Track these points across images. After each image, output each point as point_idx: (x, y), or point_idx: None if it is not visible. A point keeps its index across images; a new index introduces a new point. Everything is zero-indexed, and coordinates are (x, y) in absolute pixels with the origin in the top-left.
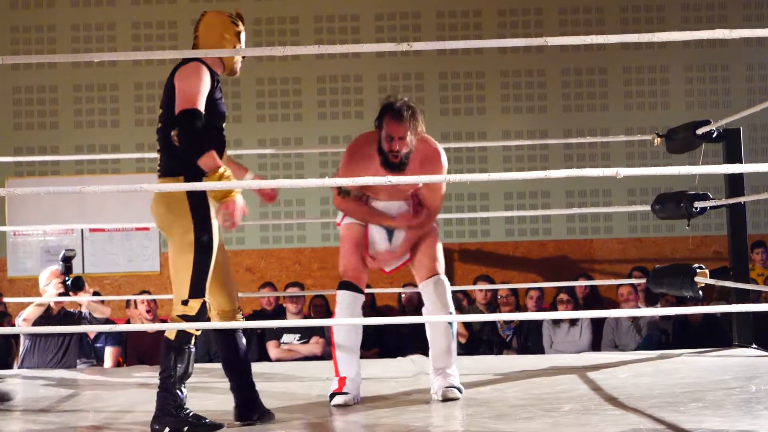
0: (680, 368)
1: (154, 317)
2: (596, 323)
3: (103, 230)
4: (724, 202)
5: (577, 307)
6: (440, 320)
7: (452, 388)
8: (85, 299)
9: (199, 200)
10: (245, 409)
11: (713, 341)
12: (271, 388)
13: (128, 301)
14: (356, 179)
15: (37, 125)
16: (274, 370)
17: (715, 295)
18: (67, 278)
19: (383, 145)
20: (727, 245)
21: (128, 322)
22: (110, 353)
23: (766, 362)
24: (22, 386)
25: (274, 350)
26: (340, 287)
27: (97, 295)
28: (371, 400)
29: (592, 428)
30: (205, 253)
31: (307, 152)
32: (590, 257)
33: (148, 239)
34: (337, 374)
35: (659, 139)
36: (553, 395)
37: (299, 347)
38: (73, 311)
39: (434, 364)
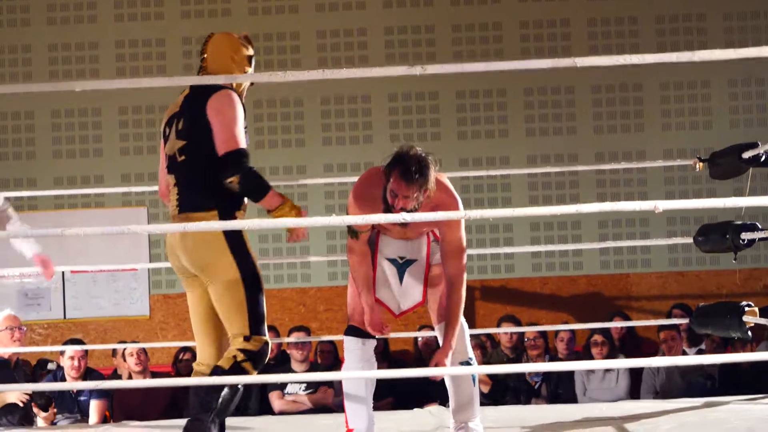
0: (729, 418)
1: (144, 369)
2: (635, 367)
3: (86, 271)
4: None
5: (612, 349)
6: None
7: None
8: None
9: (235, 235)
10: None
11: (765, 386)
12: None
13: (115, 350)
14: (366, 217)
15: (12, 155)
16: (277, 424)
17: (766, 334)
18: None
19: (388, 197)
20: None
21: (115, 372)
22: (96, 407)
23: None
24: None
25: (277, 402)
26: (346, 332)
27: (79, 343)
28: None
29: None
30: (254, 288)
31: (311, 182)
32: (626, 293)
33: (135, 281)
34: (346, 426)
35: (701, 163)
36: None
37: (305, 398)
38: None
39: (455, 416)
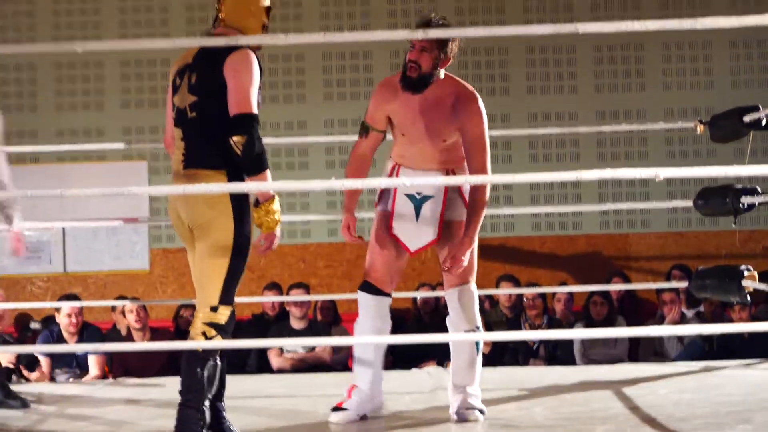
0: (726, 383)
1: (143, 326)
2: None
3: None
4: None
5: (611, 310)
6: (462, 338)
7: (472, 409)
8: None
9: (242, 200)
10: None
11: (762, 351)
12: (272, 405)
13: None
14: (364, 181)
15: (14, 107)
16: (275, 383)
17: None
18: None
19: (408, 57)
20: None
21: (114, 326)
22: (95, 362)
23: None
24: None
25: (275, 359)
26: (361, 288)
27: (75, 299)
28: (382, 418)
29: None
30: (241, 258)
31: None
32: (626, 254)
33: (136, 234)
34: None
35: (702, 126)
36: (585, 415)
37: (305, 356)
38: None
39: (454, 379)
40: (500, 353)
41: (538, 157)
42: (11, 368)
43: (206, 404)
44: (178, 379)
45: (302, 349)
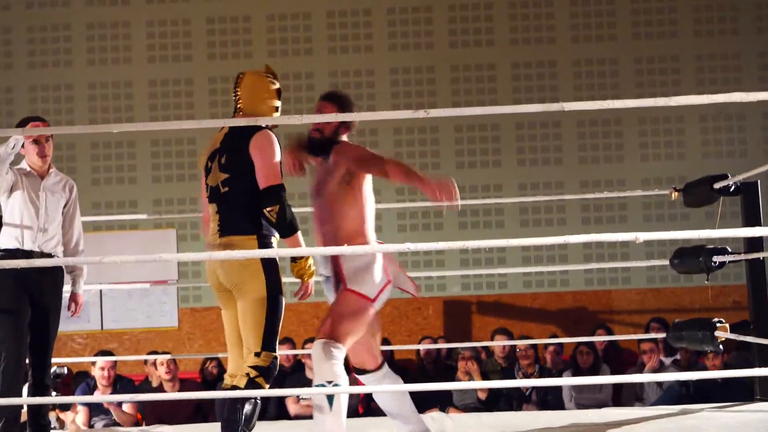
0: (702, 425)
1: (173, 377)
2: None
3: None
4: (743, 257)
5: (597, 359)
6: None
7: None
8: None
9: (270, 258)
10: None
11: (734, 395)
12: None
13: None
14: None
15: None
16: (293, 429)
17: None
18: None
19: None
20: (746, 295)
21: (146, 378)
22: (129, 409)
23: None
24: None
25: (293, 406)
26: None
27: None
28: None
29: None
30: (277, 309)
31: None
32: (609, 308)
33: (166, 295)
34: None
35: (676, 193)
36: None
37: None
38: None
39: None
40: (496, 399)
41: (528, 222)
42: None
43: None
44: (205, 426)
45: None
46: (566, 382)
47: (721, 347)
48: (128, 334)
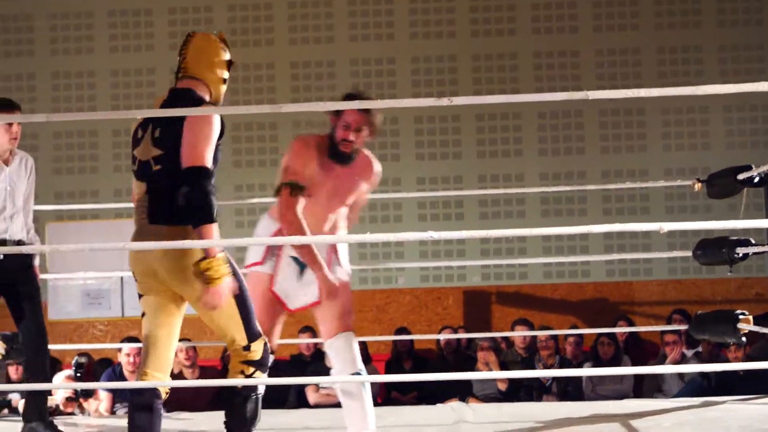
0: (724, 417)
1: (193, 364)
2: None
3: None
4: (766, 249)
5: (617, 350)
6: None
7: None
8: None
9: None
10: None
11: (757, 387)
12: None
13: None
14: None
15: (77, 170)
16: (313, 417)
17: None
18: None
19: (337, 133)
20: None
21: None
22: None
23: None
24: None
25: (312, 395)
26: None
27: (135, 341)
28: None
29: None
30: (245, 300)
31: None
32: (630, 299)
33: None
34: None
35: (699, 184)
36: None
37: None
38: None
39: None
40: (516, 390)
41: (549, 212)
42: (72, 397)
43: None
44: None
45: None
46: (587, 372)
47: (744, 339)
48: None
